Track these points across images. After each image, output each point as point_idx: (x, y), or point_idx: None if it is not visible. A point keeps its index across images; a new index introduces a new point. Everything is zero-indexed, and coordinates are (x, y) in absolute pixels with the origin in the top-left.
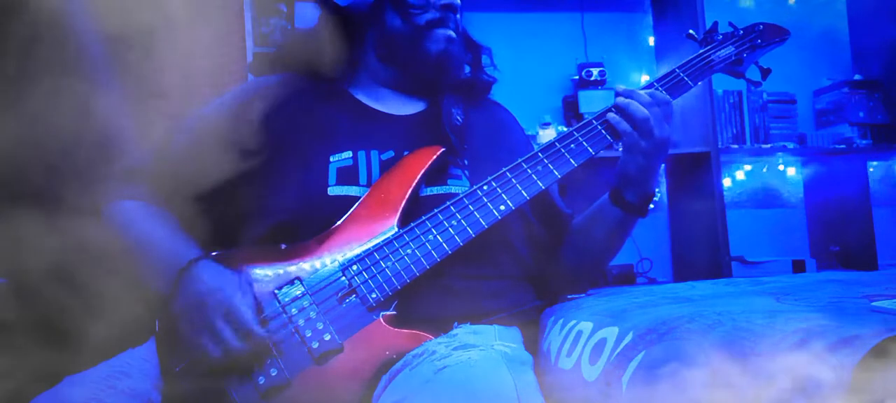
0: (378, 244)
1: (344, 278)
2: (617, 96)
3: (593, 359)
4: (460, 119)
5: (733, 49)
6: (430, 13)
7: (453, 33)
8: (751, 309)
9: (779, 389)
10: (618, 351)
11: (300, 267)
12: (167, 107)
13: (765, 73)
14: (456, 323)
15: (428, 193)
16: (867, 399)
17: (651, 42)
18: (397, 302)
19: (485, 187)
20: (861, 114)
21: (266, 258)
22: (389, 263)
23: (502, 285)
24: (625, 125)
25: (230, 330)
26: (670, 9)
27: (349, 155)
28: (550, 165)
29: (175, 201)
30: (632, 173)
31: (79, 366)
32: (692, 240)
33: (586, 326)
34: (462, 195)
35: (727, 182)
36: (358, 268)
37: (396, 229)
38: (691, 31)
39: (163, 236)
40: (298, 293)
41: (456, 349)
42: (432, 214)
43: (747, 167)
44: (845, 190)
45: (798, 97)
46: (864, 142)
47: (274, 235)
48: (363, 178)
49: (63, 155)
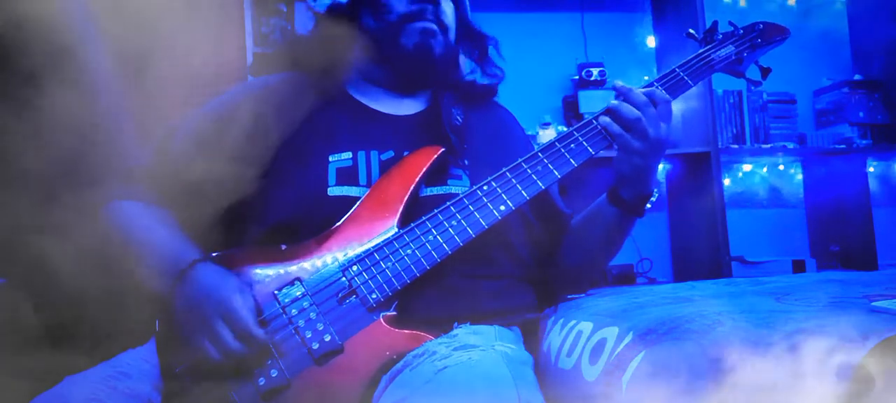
0: (378, 244)
1: (344, 278)
2: (614, 92)
3: (593, 359)
4: (460, 119)
5: (733, 48)
6: (404, 7)
7: (432, 25)
8: (751, 309)
9: (779, 389)
10: (618, 351)
11: (300, 267)
12: (167, 107)
13: (765, 73)
14: (456, 324)
15: (428, 193)
16: (868, 398)
17: (651, 42)
18: (397, 303)
19: (485, 187)
20: (861, 114)
21: (266, 258)
22: (389, 263)
23: (502, 285)
24: (615, 127)
25: (229, 332)
26: (670, 9)
27: (349, 155)
28: (550, 165)
29: (175, 201)
30: (627, 173)
31: (79, 366)
32: (692, 240)
33: (586, 326)
34: (462, 195)
35: (727, 182)
36: (358, 269)
37: (396, 229)
38: (691, 31)
39: (163, 236)
40: (298, 293)
41: (456, 349)
42: (432, 214)
43: (747, 167)
44: (845, 190)
45: (798, 97)
46: (864, 142)
47: (274, 235)
48: (363, 179)
49: (64, 155)
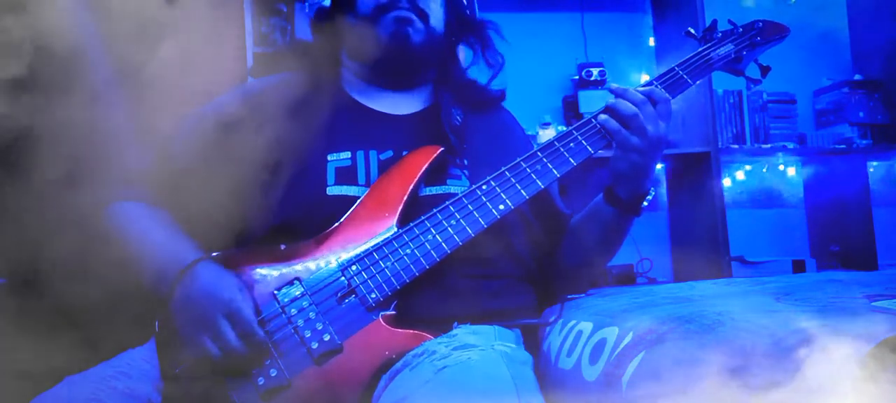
0: (377, 244)
1: (343, 278)
2: (612, 94)
3: (593, 359)
4: (459, 118)
5: (733, 47)
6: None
7: (406, 13)
8: (751, 309)
9: (779, 389)
10: (618, 351)
11: (299, 267)
12: (167, 107)
13: (764, 71)
14: (456, 323)
15: (427, 193)
16: (868, 398)
17: (651, 42)
18: (397, 302)
19: (484, 187)
20: (861, 114)
21: (265, 258)
22: (389, 263)
23: (501, 285)
24: (613, 123)
25: (230, 331)
26: (670, 9)
27: (348, 155)
28: (549, 165)
29: (175, 202)
30: (624, 170)
31: (79, 366)
32: (692, 240)
33: (586, 326)
34: (461, 195)
35: (727, 182)
36: (357, 268)
37: (396, 229)
38: (690, 29)
39: (163, 237)
40: (298, 293)
41: (456, 349)
42: (431, 214)
43: (747, 167)
44: (845, 190)
45: (798, 97)
46: (864, 142)
47: (273, 235)
48: (362, 178)
49: (65, 156)
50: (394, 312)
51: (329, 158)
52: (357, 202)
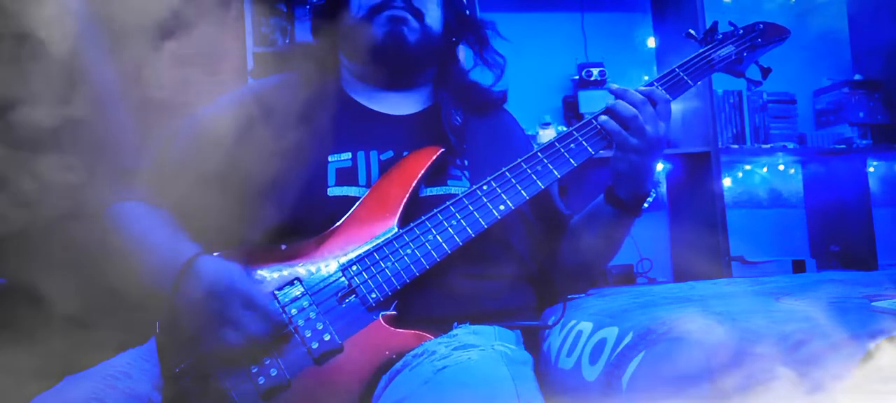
0: (378, 244)
1: (344, 278)
2: (612, 94)
3: (593, 359)
4: (460, 119)
5: (733, 48)
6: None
7: (400, 12)
8: (751, 309)
9: (779, 389)
10: (618, 351)
11: (300, 267)
12: (167, 107)
13: (765, 72)
14: (456, 323)
15: (428, 193)
16: (867, 398)
17: (651, 42)
18: (397, 302)
19: (484, 187)
20: (861, 114)
21: (266, 258)
22: (389, 263)
23: (502, 285)
24: (613, 124)
25: (250, 316)
26: (670, 9)
27: (348, 155)
28: (550, 165)
29: (176, 203)
30: (624, 171)
31: (79, 366)
32: (692, 240)
33: (586, 326)
34: (461, 195)
35: (727, 182)
36: (358, 268)
37: (396, 229)
38: (691, 31)
39: (163, 237)
40: (298, 293)
41: (456, 349)
42: (432, 214)
43: (747, 167)
44: (845, 190)
45: (798, 97)
46: (864, 142)
47: (274, 235)
48: (362, 179)
49: (65, 155)
50: (394, 312)
51: (330, 159)
52: (358, 202)
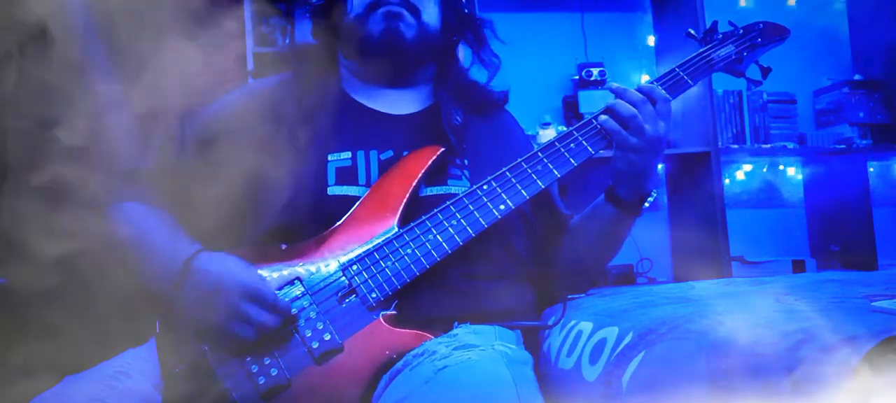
0: (378, 244)
1: (344, 278)
2: (612, 93)
3: (593, 359)
4: (460, 119)
5: (733, 48)
6: None
7: (396, 8)
8: (751, 309)
9: (779, 389)
10: (618, 351)
11: (300, 267)
12: (167, 108)
13: (765, 72)
14: (456, 323)
15: (428, 193)
16: (867, 399)
17: (651, 42)
18: (397, 302)
19: (485, 187)
20: (861, 114)
21: (266, 258)
22: (389, 263)
23: (502, 285)
24: (613, 124)
25: (258, 309)
26: (670, 9)
27: (348, 155)
28: (550, 165)
29: (177, 203)
30: (623, 170)
31: (79, 366)
32: (692, 240)
33: (586, 326)
34: (462, 195)
35: (727, 182)
36: (358, 268)
37: (396, 229)
38: (691, 31)
39: (164, 236)
40: (298, 293)
41: (456, 349)
42: (432, 214)
43: (747, 167)
44: (845, 190)
45: (798, 97)
46: (864, 142)
47: (274, 235)
48: (362, 178)
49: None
50: (394, 312)
51: (330, 158)
52: (358, 202)
